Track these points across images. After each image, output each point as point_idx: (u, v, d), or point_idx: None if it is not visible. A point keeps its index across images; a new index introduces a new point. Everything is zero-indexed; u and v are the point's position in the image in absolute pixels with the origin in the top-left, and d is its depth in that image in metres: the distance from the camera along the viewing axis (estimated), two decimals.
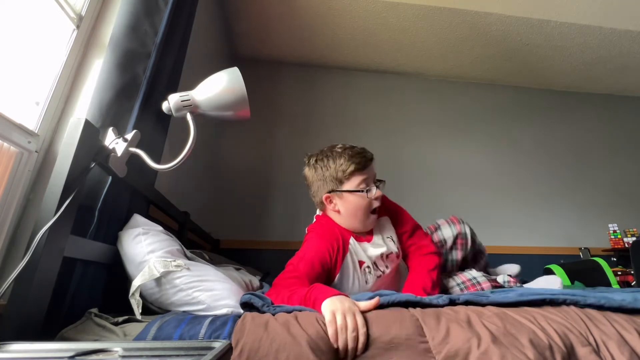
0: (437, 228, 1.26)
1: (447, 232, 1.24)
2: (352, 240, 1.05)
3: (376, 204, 1.05)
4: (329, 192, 1.04)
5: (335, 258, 0.99)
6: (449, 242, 1.23)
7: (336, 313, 0.63)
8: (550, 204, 3.07)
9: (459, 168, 3.07)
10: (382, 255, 1.06)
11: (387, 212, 1.16)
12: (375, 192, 1.03)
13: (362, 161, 1.02)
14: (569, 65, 3.18)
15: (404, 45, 2.94)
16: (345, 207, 1.04)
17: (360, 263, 1.03)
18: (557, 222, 3.01)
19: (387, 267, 1.07)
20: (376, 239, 1.09)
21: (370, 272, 1.03)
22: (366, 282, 1.02)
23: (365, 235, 1.09)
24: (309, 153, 1.12)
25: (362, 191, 1.02)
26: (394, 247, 1.10)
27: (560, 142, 3.33)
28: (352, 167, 1.00)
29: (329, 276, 0.99)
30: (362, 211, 1.04)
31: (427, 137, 3.14)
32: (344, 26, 2.73)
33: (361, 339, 0.60)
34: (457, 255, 1.23)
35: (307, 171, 1.09)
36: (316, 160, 1.06)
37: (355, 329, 0.61)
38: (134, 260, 0.82)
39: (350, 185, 1.02)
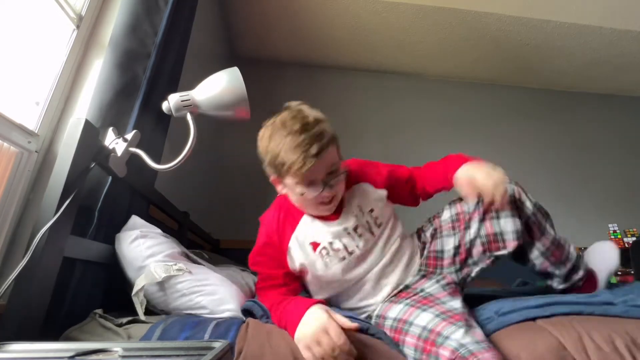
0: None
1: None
2: (303, 219, 0.87)
3: (327, 198, 0.82)
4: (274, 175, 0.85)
5: (278, 243, 0.86)
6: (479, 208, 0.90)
7: (311, 346, 0.60)
8: (550, 203, 3.04)
9: None
10: (345, 230, 0.86)
11: (359, 179, 0.94)
12: (322, 192, 0.79)
13: (299, 160, 0.74)
14: (569, 65, 3.17)
15: (404, 45, 2.94)
16: (290, 195, 0.86)
17: (314, 245, 0.85)
18: (556, 222, 2.96)
19: (357, 246, 0.86)
20: (345, 214, 0.87)
21: (328, 254, 0.84)
22: (326, 266, 0.84)
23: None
24: (267, 121, 0.87)
25: (301, 194, 0.80)
26: (362, 220, 0.88)
27: (560, 142, 3.33)
28: (286, 166, 0.76)
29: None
30: (309, 206, 0.85)
31: (427, 137, 3.13)
32: (344, 26, 2.72)
33: (338, 353, 0.59)
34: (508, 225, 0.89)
35: (259, 140, 0.85)
36: (262, 136, 0.84)
37: (334, 347, 0.59)
38: (133, 264, 0.81)
39: (290, 180, 0.80)
